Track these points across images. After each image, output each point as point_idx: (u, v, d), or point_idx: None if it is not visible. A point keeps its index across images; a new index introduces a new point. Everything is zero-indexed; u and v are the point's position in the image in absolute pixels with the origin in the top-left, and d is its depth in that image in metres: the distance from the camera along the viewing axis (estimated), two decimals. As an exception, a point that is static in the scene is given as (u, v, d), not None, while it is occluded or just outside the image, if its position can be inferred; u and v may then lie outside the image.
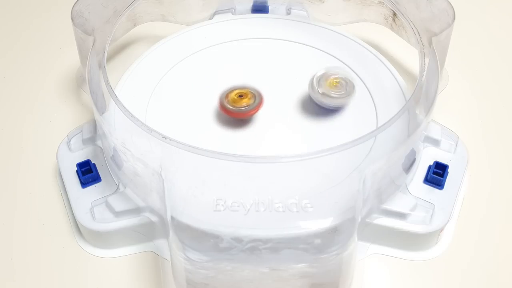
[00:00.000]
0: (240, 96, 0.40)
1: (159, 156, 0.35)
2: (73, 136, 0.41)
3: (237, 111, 0.40)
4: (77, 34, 0.41)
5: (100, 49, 0.40)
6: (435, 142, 0.41)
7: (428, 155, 0.40)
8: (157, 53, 0.45)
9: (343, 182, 0.36)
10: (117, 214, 0.37)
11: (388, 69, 0.43)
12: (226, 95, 0.40)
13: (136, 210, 0.37)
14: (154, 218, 0.37)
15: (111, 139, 0.37)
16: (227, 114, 0.40)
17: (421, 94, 0.38)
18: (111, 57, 0.48)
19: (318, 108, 0.41)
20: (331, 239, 0.33)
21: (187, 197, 0.35)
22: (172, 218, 0.33)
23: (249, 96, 0.40)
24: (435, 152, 0.40)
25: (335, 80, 0.40)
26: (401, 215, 0.37)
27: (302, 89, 0.42)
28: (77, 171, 0.39)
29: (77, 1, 0.42)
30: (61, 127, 0.45)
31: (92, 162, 0.40)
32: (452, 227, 0.39)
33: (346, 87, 0.40)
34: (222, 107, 0.40)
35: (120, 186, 0.39)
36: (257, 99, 0.40)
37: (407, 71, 0.47)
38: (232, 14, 0.48)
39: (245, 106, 0.40)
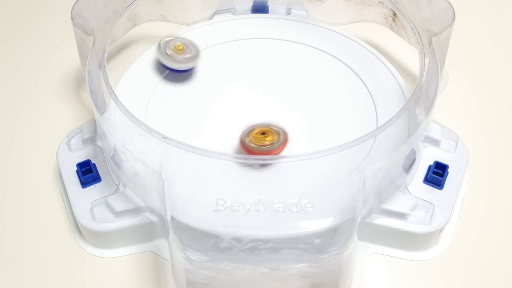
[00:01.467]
0: (263, 133, 0.37)
1: (159, 156, 0.35)
2: (73, 136, 0.41)
3: (260, 150, 0.37)
4: (77, 34, 0.41)
5: (100, 49, 0.40)
6: (435, 142, 0.41)
7: (428, 155, 0.40)
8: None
9: (343, 182, 0.36)
10: (117, 214, 0.37)
11: (388, 69, 0.43)
12: (247, 133, 0.37)
13: (136, 210, 0.37)
14: (154, 218, 0.37)
15: (111, 139, 0.37)
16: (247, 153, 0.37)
17: (421, 94, 0.38)
18: (111, 57, 0.48)
19: (317, 108, 0.41)
20: (331, 239, 0.33)
21: (187, 197, 0.35)
22: (172, 218, 0.33)
23: (273, 133, 0.37)
24: (435, 152, 0.40)
25: (177, 45, 0.43)
26: (401, 215, 0.37)
27: (302, 89, 0.42)
28: (77, 171, 0.39)
29: (77, 1, 0.42)
30: (61, 127, 0.45)
31: (92, 162, 0.40)
32: (452, 227, 0.39)
33: (190, 50, 0.43)
34: (243, 146, 0.37)
35: (120, 186, 0.39)
36: (282, 137, 0.37)
37: (407, 71, 0.47)
38: (232, 14, 0.48)
39: (268, 145, 0.37)
